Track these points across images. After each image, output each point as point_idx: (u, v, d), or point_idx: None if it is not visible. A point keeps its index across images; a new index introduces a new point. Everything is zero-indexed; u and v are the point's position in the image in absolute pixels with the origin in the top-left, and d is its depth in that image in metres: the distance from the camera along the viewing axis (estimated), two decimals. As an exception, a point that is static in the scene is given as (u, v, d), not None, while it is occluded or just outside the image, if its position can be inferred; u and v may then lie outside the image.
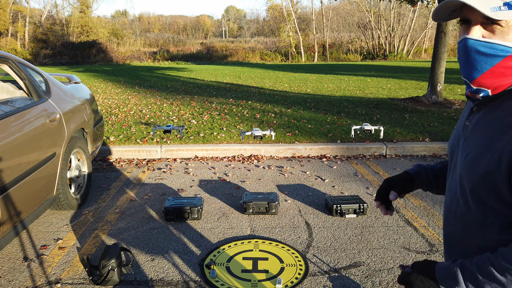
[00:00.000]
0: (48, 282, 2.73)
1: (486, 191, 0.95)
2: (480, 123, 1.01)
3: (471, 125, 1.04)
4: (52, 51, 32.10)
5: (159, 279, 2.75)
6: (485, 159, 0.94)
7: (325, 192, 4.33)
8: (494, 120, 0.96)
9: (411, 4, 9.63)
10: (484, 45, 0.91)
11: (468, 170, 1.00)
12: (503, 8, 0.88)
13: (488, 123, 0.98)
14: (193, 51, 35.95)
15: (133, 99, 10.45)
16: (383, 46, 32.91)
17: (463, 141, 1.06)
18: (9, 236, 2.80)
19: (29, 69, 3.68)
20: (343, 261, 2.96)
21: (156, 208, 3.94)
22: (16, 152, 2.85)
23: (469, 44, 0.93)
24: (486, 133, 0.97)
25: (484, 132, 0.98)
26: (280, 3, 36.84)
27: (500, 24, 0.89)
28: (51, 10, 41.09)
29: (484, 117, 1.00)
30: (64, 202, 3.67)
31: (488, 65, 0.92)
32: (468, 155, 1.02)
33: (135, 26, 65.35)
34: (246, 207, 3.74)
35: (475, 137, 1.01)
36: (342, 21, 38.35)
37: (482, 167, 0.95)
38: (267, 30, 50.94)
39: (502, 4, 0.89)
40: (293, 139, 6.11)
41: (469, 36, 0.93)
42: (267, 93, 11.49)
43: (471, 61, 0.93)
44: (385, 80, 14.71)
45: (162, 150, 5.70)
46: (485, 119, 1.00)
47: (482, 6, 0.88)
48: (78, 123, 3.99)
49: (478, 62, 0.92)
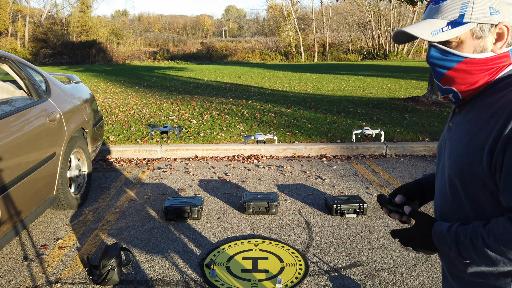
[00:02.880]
0: (48, 281, 2.73)
1: (476, 185, 1.00)
2: (460, 123, 1.08)
3: (454, 126, 1.11)
4: (52, 50, 32.10)
5: (159, 279, 2.75)
6: (467, 154, 1.01)
7: (325, 192, 4.33)
8: (473, 118, 1.03)
9: (411, 4, 9.63)
10: (442, 51, 1.03)
11: (454, 168, 1.05)
12: (446, 29, 0.99)
13: (468, 121, 1.05)
14: (193, 51, 35.95)
15: (133, 98, 10.45)
16: (383, 46, 32.90)
17: (447, 142, 1.12)
18: (9, 236, 2.80)
19: (29, 68, 3.68)
20: (343, 261, 2.96)
21: (156, 207, 3.94)
22: (16, 152, 2.85)
23: (431, 51, 1.05)
24: (466, 130, 1.04)
25: (464, 131, 1.05)
26: (280, 2, 36.88)
27: (453, 41, 1.01)
28: (51, 10, 41.10)
29: (464, 117, 1.07)
30: (64, 201, 3.67)
31: (447, 67, 1.03)
32: (451, 154, 1.07)
33: (135, 25, 65.34)
34: (246, 206, 3.74)
35: (456, 137, 1.07)
36: (342, 21, 38.35)
37: (466, 162, 1.01)
38: (267, 29, 50.95)
39: (446, 24, 1.00)
40: (293, 139, 6.11)
41: (434, 43, 1.04)
42: (267, 92, 11.49)
43: (434, 65, 1.05)
44: (385, 80, 14.71)
45: (162, 149, 5.70)
46: (465, 118, 1.07)
47: (422, 33, 1.01)
48: (78, 122, 3.99)
49: (440, 65, 1.04)
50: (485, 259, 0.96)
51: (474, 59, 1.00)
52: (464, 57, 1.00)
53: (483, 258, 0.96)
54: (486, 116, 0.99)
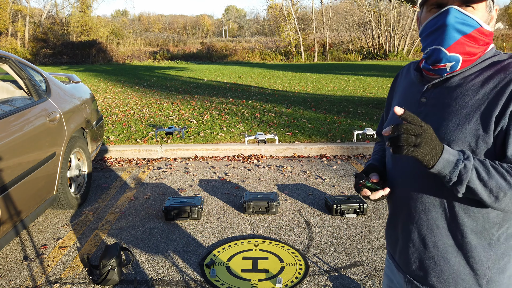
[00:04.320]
0: (48, 281, 2.73)
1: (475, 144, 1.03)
2: (442, 96, 1.10)
3: (431, 101, 1.12)
4: (52, 50, 32.10)
5: (159, 279, 2.75)
6: (466, 117, 1.03)
7: (325, 192, 4.33)
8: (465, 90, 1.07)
9: (411, 4, 9.62)
10: (463, 16, 1.05)
11: (448, 138, 1.05)
12: None
13: (456, 94, 1.08)
14: (193, 51, 35.93)
15: (133, 98, 10.45)
16: (383, 46, 32.89)
17: (424, 117, 1.11)
18: (9, 236, 2.80)
19: (29, 68, 3.68)
20: (343, 261, 2.96)
21: (156, 207, 3.94)
22: (16, 152, 2.85)
23: (452, 12, 1.04)
24: (457, 101, 1.07)
25: (452, 101, 1.07)
26: (280, 2, 36.87)
27: (472, 7, 1.04)
28: (51, 10, 41.11)
29: (447, 90, 1.10)
30: (64, 201, 3.67)
31: (464, 32, 1.05)
32: (440, 127, 1.07)
33: (135, 25, 65.36)
34: (246, 206, 3.74)
35: (439, 109, 1.09)
36: (342, 21, 38.33)
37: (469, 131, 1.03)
38: (267, 29, 50.95)
39: None
40: (293, 139, 6.11)
41: (454, 6, 1.04)
42: (267, 92, 11.49)
43: (451, 28, 1.04)
44: (385, 80, 14.71)
45: (162, 149, 5.70)
46: (448, 91, 1.10)
47: None
48: (78, 122, 3.99)
49: (457, 29, 1.04)
50: (502, 178, 0.97)
51: (485, 30, 1.06)
52: (480, 25, 1.05)
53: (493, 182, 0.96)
54: (482, 88, 1.04)
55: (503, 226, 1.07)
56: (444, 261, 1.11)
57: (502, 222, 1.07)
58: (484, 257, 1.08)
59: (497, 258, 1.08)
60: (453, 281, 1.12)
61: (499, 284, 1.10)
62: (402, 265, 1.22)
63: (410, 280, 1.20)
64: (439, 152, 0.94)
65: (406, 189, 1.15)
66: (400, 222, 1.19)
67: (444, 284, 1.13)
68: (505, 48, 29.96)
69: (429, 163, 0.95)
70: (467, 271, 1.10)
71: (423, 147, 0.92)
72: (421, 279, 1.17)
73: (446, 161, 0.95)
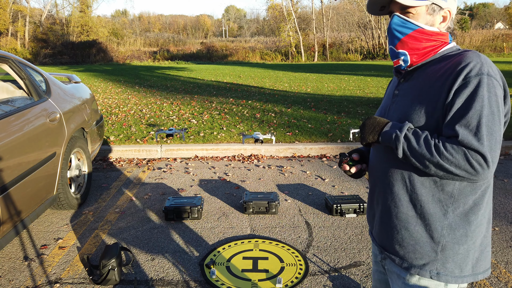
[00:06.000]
0: (48, 281, 2.73)
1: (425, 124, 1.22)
2: (407, 89, 1.31)
3: (401, 92, 1.33)
4: (52, 50, 32.10)
5: (159, 279, 2.75)
6: (419, 104, 1.23)
7: (325, 192, 4.33)
8: (421, 82, 1.27)
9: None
10: (402, 20, 1.28)
11: (402, 117, 1.27)
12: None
13: (414, 86, 1.29)
14: (193, 51, 35.93)
15: (133, 98, 10.45)
16: (383, 46, 32.87)
17: (392, 106, 1.35)
18: (9, 236, 2.80)
19: (29, 68, 3.68)
20: (343, 261, 2.96)
21: (156, 207, 3.94)
22: (16, 152, 2.85)
23: (394, 18, 1.28)
24: (416, 91, 1.27)
25: (413, 92, 1.28)
26: (280, 2, 36.85)
27: (411, 12, 1.26)
28: (51, 10, 41.11)
29: (410, 84, 1.31)
30: (64, 201, 3.67)
31: (404, 33, 1.27)
32: (400, 110, 1.30)
33: (135, 25, 65.37)
34: (246, 206, 3.74)
35: (405, 99, 1.30)
36: (342, 21, 38.32)
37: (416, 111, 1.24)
38: (267, 29, 50.92)
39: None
40: (293, 139, 6.11)
41: (396, 13, 1.28)
42: (267, 92, 11.49)
43: (394, 30, 1.28)
44: (385, 80, 14.70)
45: (162, 149, 5.70)
46: (411, 84, 1.30)
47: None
48: (78, 122, 3.99)
49: (398, 30, 1.28)
50: (428, 152, 1.15)
51: (425, 30, 1.26)
52: (419, 26, 1.26)
53: (420, 152, 1.15)
54: (434, 78, 1.23)
55: (458, 201, 1.23)
56: (405, 229, 1.29)
57: (458, 196, 1.22)
58: (439, 226, 1.24)
59: (452, 228, 1.23)
60: (412, 248, 1.29)
61: (454, 253, 1.25)
62: (376, 238, 1.43)
63: (381, 250, 1.41)
64: (378, 130, 1.26)
65: (377, 168, 1.37)
66: (375, 198, 1.40)
67: (405, 250, 1.30)
68: (505, 48, 29.96)
69: (374, 139, 1.27)
70: (424, 238, 1.26)
71: (364, 131, 1.29)
72: (388, 247, 1.36)
73: (385, 133, 1.23)
